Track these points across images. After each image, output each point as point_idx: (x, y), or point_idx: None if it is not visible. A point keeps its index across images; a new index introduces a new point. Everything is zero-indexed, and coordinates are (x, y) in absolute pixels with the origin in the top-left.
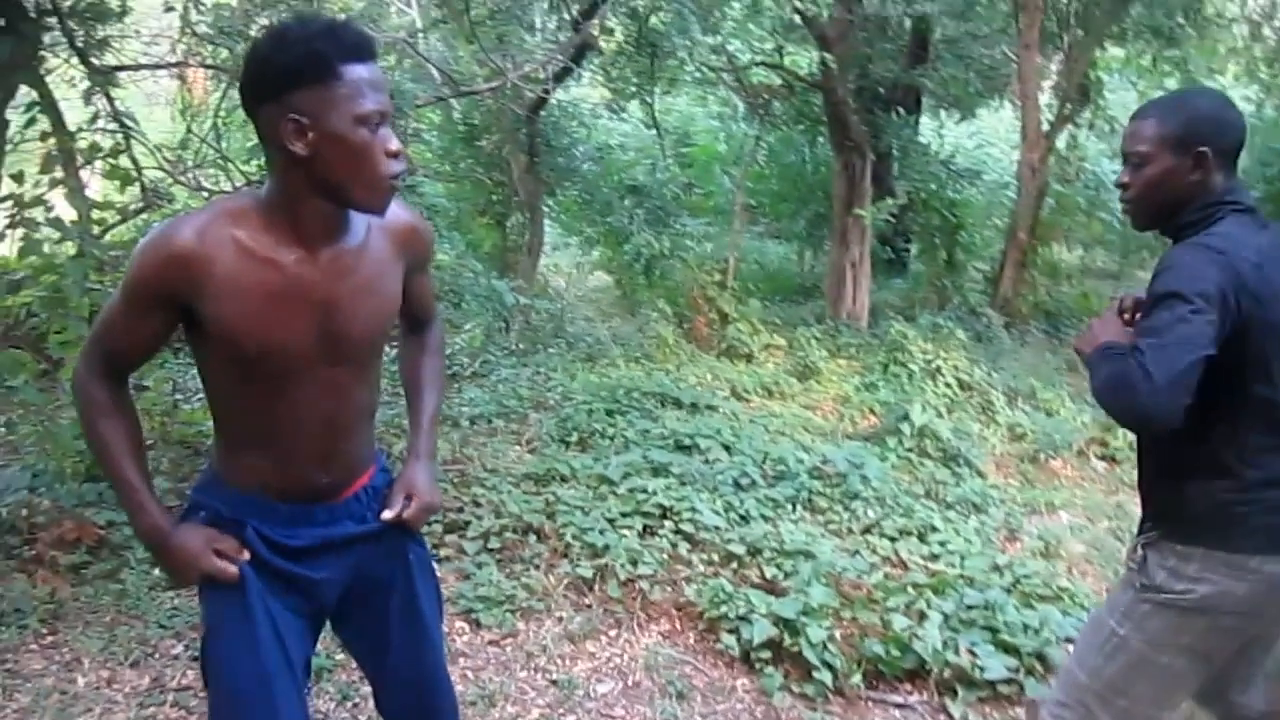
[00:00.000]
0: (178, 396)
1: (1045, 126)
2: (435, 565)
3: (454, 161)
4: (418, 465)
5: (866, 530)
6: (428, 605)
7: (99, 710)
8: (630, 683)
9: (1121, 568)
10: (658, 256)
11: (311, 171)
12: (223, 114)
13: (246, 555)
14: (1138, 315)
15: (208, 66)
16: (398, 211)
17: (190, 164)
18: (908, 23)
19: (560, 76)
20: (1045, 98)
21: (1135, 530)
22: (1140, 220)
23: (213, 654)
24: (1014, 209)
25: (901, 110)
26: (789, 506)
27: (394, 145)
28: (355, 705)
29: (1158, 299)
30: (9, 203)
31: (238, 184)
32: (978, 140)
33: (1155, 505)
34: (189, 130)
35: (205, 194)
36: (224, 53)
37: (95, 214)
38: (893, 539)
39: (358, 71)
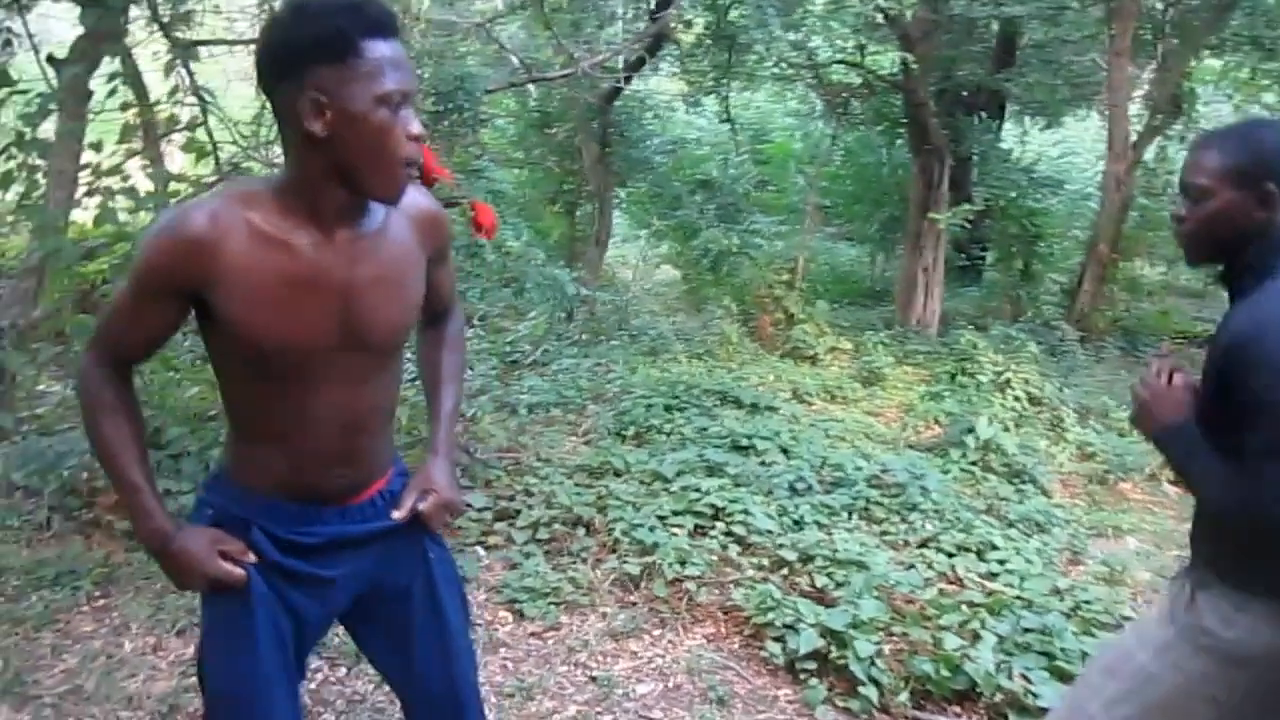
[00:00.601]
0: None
1: (1133, 137)
2: (483, 554)
3: (527, 149)
4: (436, 461)
5: (923, 544)
6: (452, 610)
7: (143, 676)
8: (671, 685)
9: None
10: (725, 253)
11: (329, 153)
12: None
13: (252, 558)
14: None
15: None
16: (418, 198)
17: (264, 139)
18: (995, 25)
19: (635, 67)
20: (1135, 108)
21: (1187, 563)
22: (1194, 257)
23: (210, 656)
24: (1096, 221)
25: (984, 115)
26: (844, 514)
27: (415, 128)
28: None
29: (1268, 398)
30: (87, 171)
31: None
32: (1062, 149)
33: (1214, 545)
34: (264, 106)
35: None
36: None
37: (171, 186)
38: (950, 554)
39: (380, 49)
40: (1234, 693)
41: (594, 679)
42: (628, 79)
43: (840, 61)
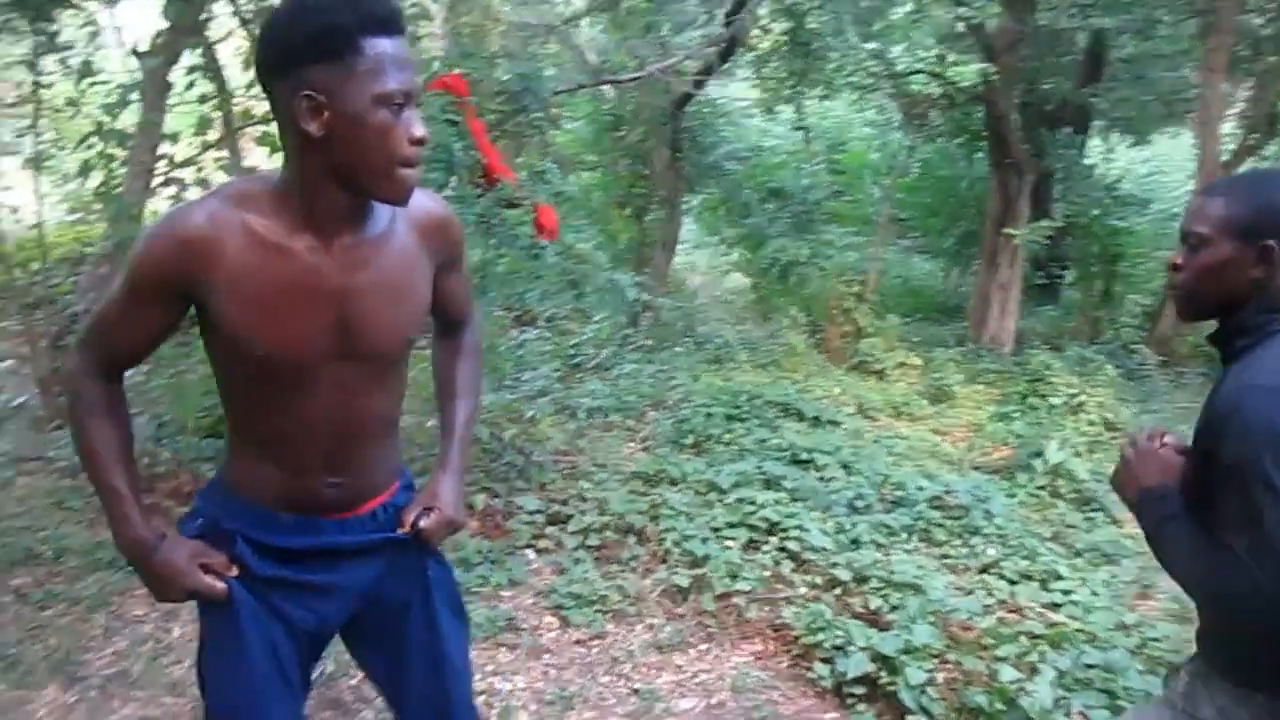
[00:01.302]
0: None
1: (1225, 157)
2: (532, 557)
3: (600, 152)
4: (444, 477)
5: (984, 570)
6: (449, 631)
7: (188, 663)
8: (714, 702)
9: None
10: (794, 263)
11: (327, 154)
12: None
13: (235, 571)
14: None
15: None
16: (426, 202)
17: None
18: (1082, 38)
19: (708, 72)
20: (1228, 126)
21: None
22: (1187, 310)
23: (208, 670)
24: None
25: (1067, 130)
26: (904, 535)
27: (418, 131)
28: None
29: (1247, 472)
30: (164, 162)
31: None
32: (1150, 167)
33: (1213, 637)
34: None
35: None
36: None
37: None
38: (1012, 582)
39: (381, 46)
40: None
41: (636, 691)
42: (699, 84)
43: (919, 71)
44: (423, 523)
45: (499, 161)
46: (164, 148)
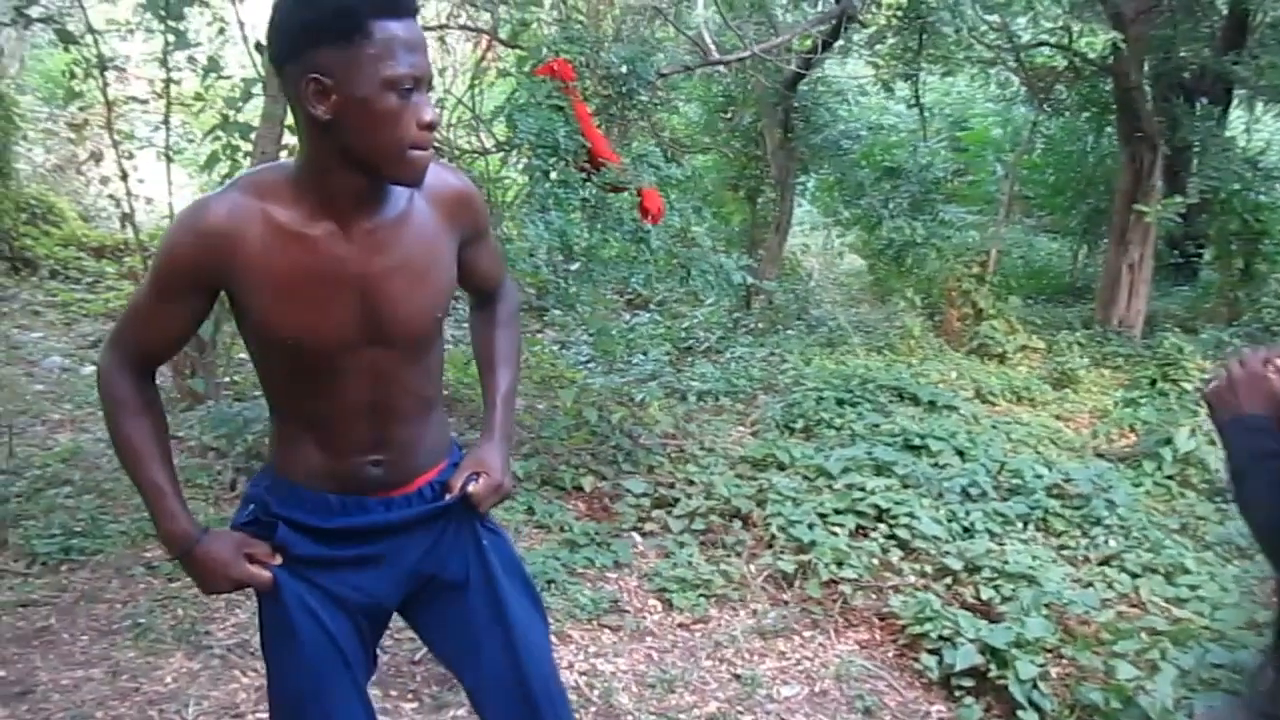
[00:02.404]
0: None
1: None
2: (638, 540)
3: (714, 134)
4: (490, 444)
5: (1105, 562)
6: (514, 600)
7: None
8: (817, 690)
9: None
10: (911, 243)
11: (337, 138)
12: (481, 76)
13: (279, 560)
14: None
15: (465, 29)
16: (445, 177)
17: (446, 124)
18: (1222, 2)
19: (821, 49)
20: None
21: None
22: None
23: (269, 656)
24: None
25: (1204, 100)
26: (1019, 524)
27: (427, 115)
28: None
29: None
30: (285, 152)
31: (488, 145)
32: None
33: None
34: (446, 91)
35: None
36: (484, 15)
37: None
38: (1134, 575)
39: (390, 29)
40: None
41: (738, 677)
42: (808, 63)
43: (1044, 44)
44: (470, 487)
45: (604, 146)
46: (286, 138)
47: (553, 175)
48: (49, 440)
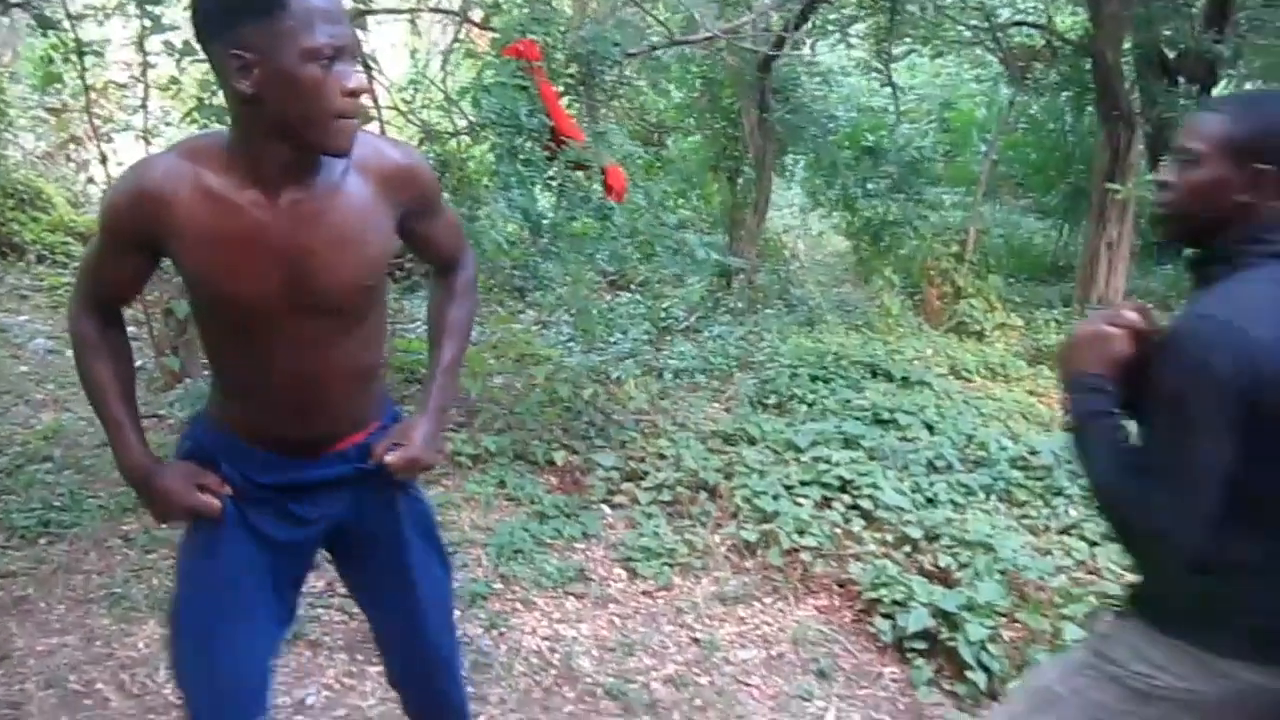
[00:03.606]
0: (409, 325)
1: None
2: (608, 512)
3: (695, 115)
4: (420, 416)
5: (1065, 530)
6: (419, 563)
7: None
8: (774, 653)
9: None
10: (888, 223)
11: (263, 112)
12: (449, 57)
13: (228, 490)
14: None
15: (437, 11)
16: (384, 151)
17: (419, 104)
18: None
19: (796, 27)
20: None
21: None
22: (1168, 231)
23: (184, 569)
24: None
25: (1182, 80)
26: (982, 495)
27: (351, 83)
28: (501, 634)
29: (1165, 401)
30: None
31: (460, 123)
32: None
33: (1131, 590)
34: (420, 73)
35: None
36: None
37: None
38: (1093, 544)
39: (308, 2)
40: None
41: (697, 641)
42: (781, 43)
43: (1021, 23)
44: (388, 458)
45: (568, 124)
46: None
47: (520, 155)
48: (32, 420)
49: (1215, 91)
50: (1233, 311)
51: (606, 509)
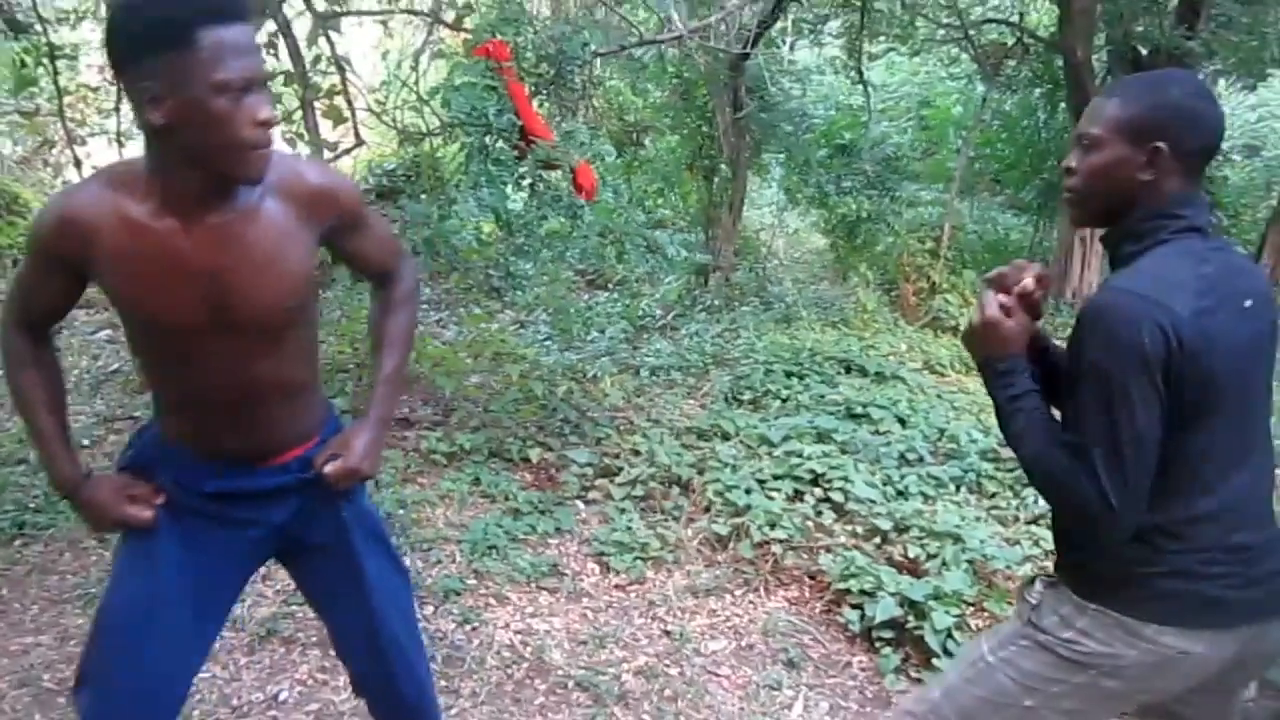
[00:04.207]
0: None
1: None
2: (581, 508)
3: (672, 114)
4: (361, 426)
5: (1033, 520)
6: (373, 569)
7: (249, 602)
8: (744, 644)
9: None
10: (860, 220)
11: (175, 141)
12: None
13: (161, 499)
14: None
15: (409, 13)
16: (302, 173)
17: (391, 105)
18: None
19: (766, 26)
20: None
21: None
22: (1079, 215)
23: (119, 569)
24: None
25: None
26: (952, 487)
27: (262, 114)
28: (474, 628)
29: (1089, 375)
30: None
31: (433, 125)
32: (1261, 113)
33: (1060, 553)
34: (393, 74)
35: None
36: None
37: (305, 151)
38: None
39: (218, 35)
40: (1080, 694)
41: (668, 633)
42: (754, 41)
43: (990, 20)
44: (326, 468)
45: (537, 124)
46: None
47: (490, 155)
48: (7, 423)
49: None
50: (1151, 286)
51: (580, 505)
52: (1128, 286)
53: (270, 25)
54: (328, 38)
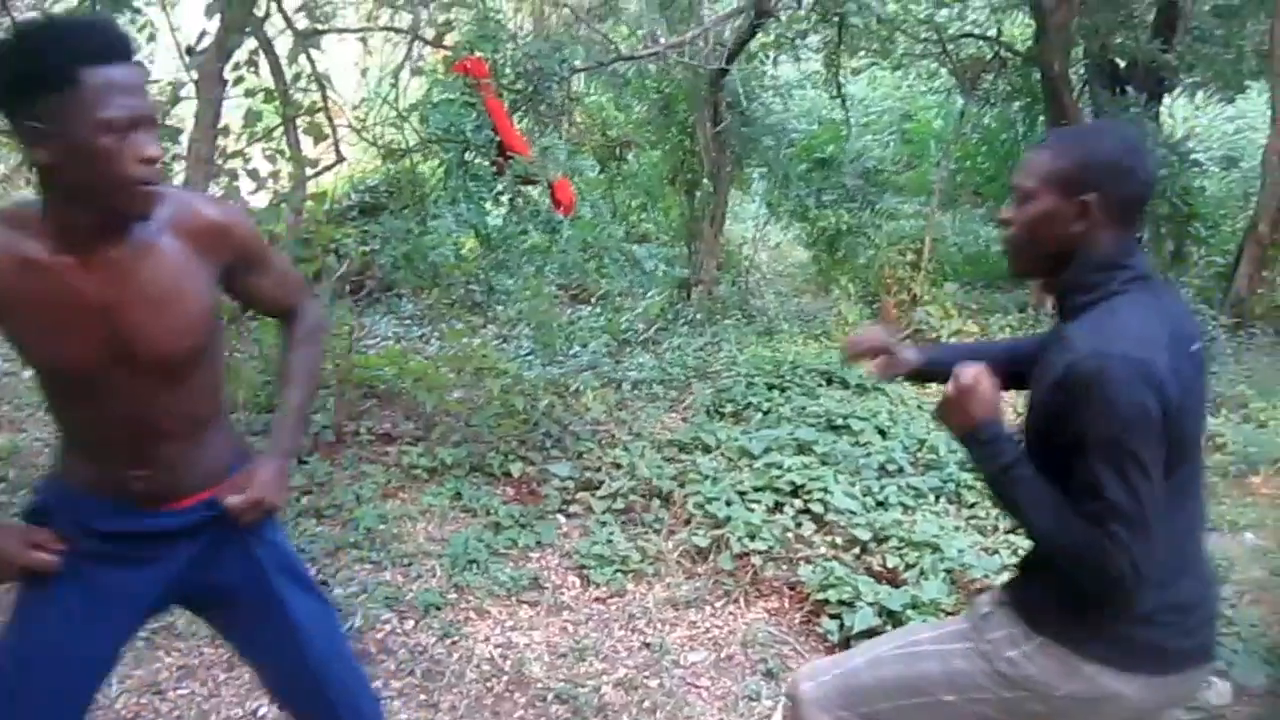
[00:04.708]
0: (369, 341)
1: None
2: (563, 521)
3: (655, 129)
4: (267, 460)
5: (1012, 530)
6: (294, 599)
7: None
8: (723, 655)
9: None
10: (843, 233)
11: (62, 179)
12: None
13: (62, 546)
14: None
15: (387, 29)
16: (202, 210)
17: (371, 122)
18: None
19: (742, 43)
20: None
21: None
22: (1015, 265)
23: (16, 613)
24: (1258, 200)
25: (1131, 89)
26: (931, 497)
27: (148, 151)
28: (454, 642)
29: (1098, 446)
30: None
31: (412, 141)
32: (1240, 125)
33: (1018, 579)
34: (374, 91)
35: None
36: (407, 17)
37: (285, 168)
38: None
39: (103, 75)
40: (1002, 709)
41: (648, 645)
42: (731, 58)
43: (967, 35)
44: (229, 502)
45: (515, 140)
46: (223, 140)
47: (469, 170)
48: None
49: (1166, 101)
50: (1135, 346)
51: (562, 518)
52: (1112, 350)
53: (251, 43)
54: (308, 55)
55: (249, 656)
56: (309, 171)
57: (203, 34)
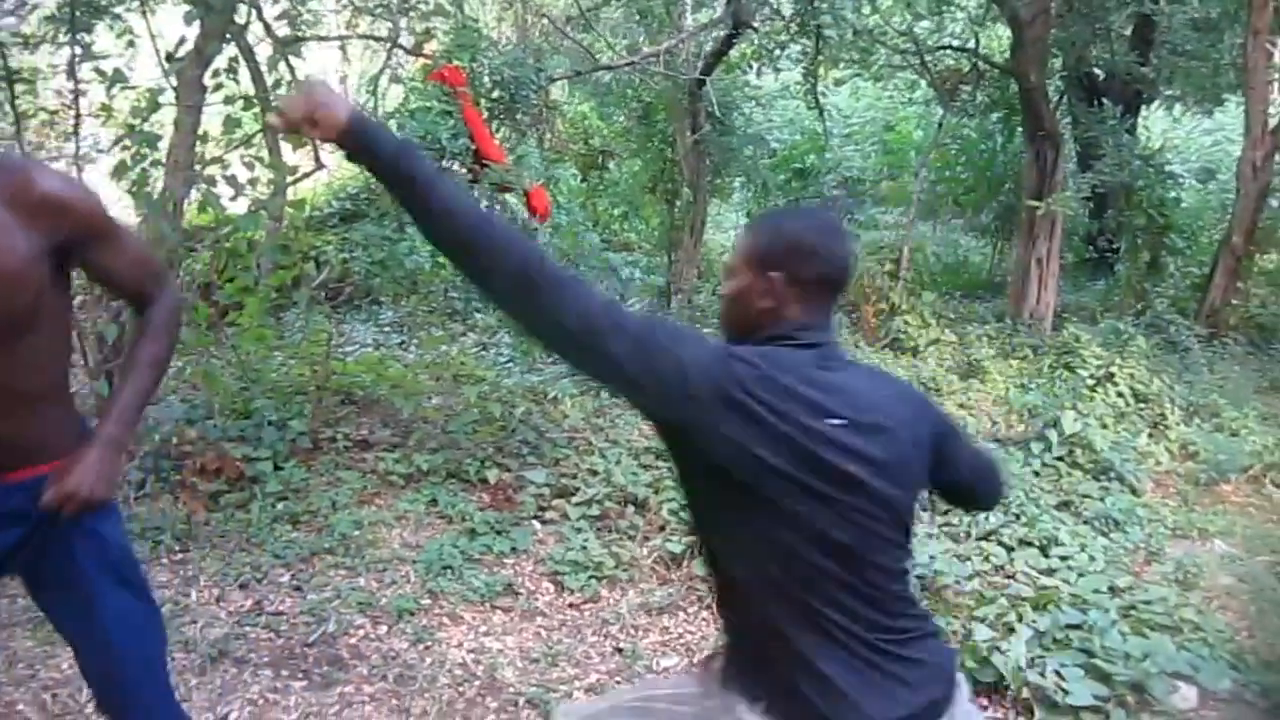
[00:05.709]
0: (347, 347)
1: (1274, 122)
2: (538, 528)
3: (636, 138)
4: (88, 450)
5: (984, 537)
6: (108, 597)
7: (201, 624)
8: (696, 661)
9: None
10: None
11: None
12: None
13: None
14: None
15: (366, 38)
16: (36, 179)
17: None
18: (1125, 8)
19: (720, 53)
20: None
21: None
22: (723, 330)
23: None
24: (1233, 211)
25: (1106, 101)
26: None
27: None
28: (426, 647)
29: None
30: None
31: None
32: (1216, 137)
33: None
34: (354, 99)
35: None
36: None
37: (264, 175)
38: (1010, 548)
39: None
40: None
41: (620, 650)
42: (709, 67)
43: (944, 47)
44: (46, 494)
45: (491, 147)
46: (202, 147)
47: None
48: None
49: (1144, 113)
50: (752, 353)
51: (537, 524)
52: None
53: (232, 50)
54: (288, 63)
55: (59, 633)
56: (289, 178)
57: (182, 40)
